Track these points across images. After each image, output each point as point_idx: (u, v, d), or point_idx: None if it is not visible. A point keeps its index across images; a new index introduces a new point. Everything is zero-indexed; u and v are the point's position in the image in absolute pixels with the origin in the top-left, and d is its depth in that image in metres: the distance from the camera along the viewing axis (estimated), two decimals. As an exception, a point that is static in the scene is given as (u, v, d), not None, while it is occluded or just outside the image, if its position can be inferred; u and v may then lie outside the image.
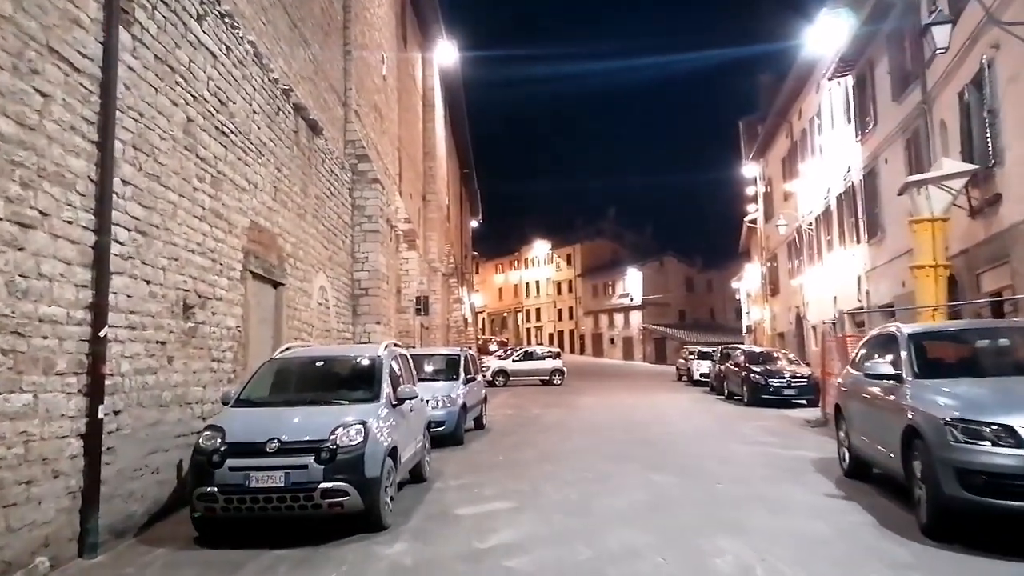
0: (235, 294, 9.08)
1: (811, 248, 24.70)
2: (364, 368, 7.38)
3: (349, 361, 7.73)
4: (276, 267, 10.60)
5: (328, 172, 13.93)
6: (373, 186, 16.24)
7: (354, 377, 7.43)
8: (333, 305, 14.20)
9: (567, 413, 17.45)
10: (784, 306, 29.86)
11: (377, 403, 6.74)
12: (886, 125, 16.79)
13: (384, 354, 7.45)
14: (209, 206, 8.38)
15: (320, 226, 13.31)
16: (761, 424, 14.44)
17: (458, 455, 10.80)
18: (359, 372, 7.43)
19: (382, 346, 7.66)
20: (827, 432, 12.82)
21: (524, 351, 32.02)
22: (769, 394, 18.75)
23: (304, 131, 12.32)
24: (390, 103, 22.03)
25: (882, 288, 17.64)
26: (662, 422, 15.01)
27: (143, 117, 6.94)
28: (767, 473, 8.72)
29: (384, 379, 7.05)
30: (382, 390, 6.90)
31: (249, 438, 6.00)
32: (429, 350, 16.14)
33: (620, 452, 10.66)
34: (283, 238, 11.03)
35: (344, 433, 6.04)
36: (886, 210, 17.25)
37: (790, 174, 27.04)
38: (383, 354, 7.43)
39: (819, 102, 22.88)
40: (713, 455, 10.24)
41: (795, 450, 10.69)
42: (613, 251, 72.49)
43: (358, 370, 7.48)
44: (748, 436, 12.56)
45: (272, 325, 10.59)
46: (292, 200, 11.51)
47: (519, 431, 13.76)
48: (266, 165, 10.36)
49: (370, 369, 7.25)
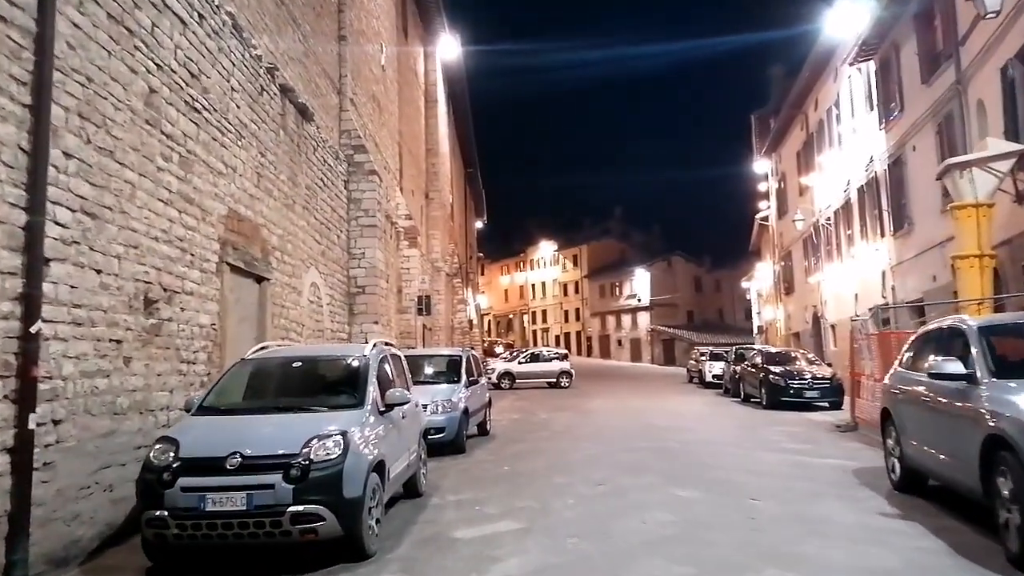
0: (209, 288, 8.17)
1: (829, 244, 23.69)
2: (348, 370, 6.46)
3: (331, 362, 6.81)
4: (259, 260, 9.70)
5: (320, 161, 13.03)
6: (370, 178, 15.33)
7: (336, 380, 6.52)
8: (327, 303, 13.29)
9: (576, 418, 16.50)
10: (800, 305, 28.83)
11: (361, 410, 5.81)
12: (914, 110, 15.80)
13: (371, 354, 6.53)
14: (177, 189, 7.48)
15: (312, 219, 12.41)
16: (785, 429, 13.46)
17: (459, 465, 9.86)
18: (342, 375, 6.51)
19: (369, 345, 6.73)
20: (859, 438, 11.86)
21: (530, 353, 31.05)
22: (789, 396, 17.76)
23: (292, 115, 11.42)
24: (389, 95, 21.14)
25: (910, 284, 16.63)
26: (678, 427, 14.04)
27: (92, 83, 6.04)
28: (805, 487, 7.75)
29: (370, 382, 6.12)
30: (368, 395, 5.98)
31: (206, 452, 5.08)
32: (428, 351, 15.22)
33: (636, 462, 9.70)
34: (268, 229, 10.12)
35: (320, 446, 5.12)
36: (914, 200, 16.25)
37: (806, 168, 26.04)
38: (370, 354, 6.51)
39: (837, 90, 21.88)
40: (740, 465, 9.27)
41: (829, 458, 9.72)
42: (620, 251, 71.47)
43: (341, 372, 6.56)
44: (773, 442, 11.59)
45: (255, 324, 9.68)
46: (278, 189, 10.61)
47: (526, 437, 12.82)
48: (247, 148, 9.47)
49: (354, 371, 6.32)
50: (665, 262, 65.99)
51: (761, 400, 18.64)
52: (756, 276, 46.94)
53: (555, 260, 76.04)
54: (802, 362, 19.59)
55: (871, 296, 19.51)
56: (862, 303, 20.53)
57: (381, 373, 6.60)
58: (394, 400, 6.22)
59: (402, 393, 6.32)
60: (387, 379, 6.85)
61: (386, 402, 6.16)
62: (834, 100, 22.33)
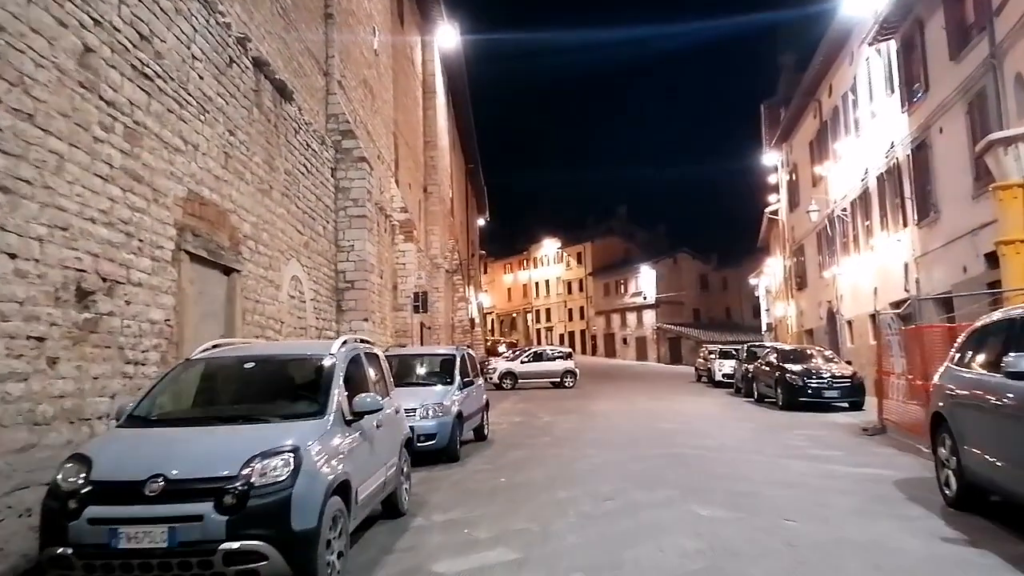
0: (163, 279, 7.20)
1: (845, 236, 22.63)
2: (309, 372, 5.47)
3: (290, 363, 5.77)
4: (227, 249, 8.73)
5: (303, 145, 12.05)
6: (359, 165, 14.36)
7: (294, 384, 5.52)
8: (311, 299, 12.31)
9: (581, 421, 15.50)
10: (813, 301, 27.76)
11: (321, 419, 4.83)
12: (941, 89, 14.76)
13: (340, 353, 5.53)
14: (121, 164, 6.51)
15: (293, 207, 11.44)
16: (807, 433, 12.44)
17: (451, 476, 8.88)
18: (302, 378, 5.53)
19: (337, 343, 5.71)
20: (890, 442, 10.85)
21: (533, 352, 29.99)
22: (807, 396, 16.73)
23: (269, 93, 10.45)
24: (383, 82, 20.16)
25: (936, 275, 15.58)
26: (692, 431, 13.03)
27: (3, 31, 5.07)
28: (845, 503, 6.74)
29: (335, 387, 5.12)
30: (331, 402, 4.99)
31: (122, 474, 4.11)
32: (419, 350, 14.23)
33: (649, 472, 8.69)
34: (238, 215, 9.15)
35: (263, 466, 4.14)
36: (941, 186, 15.21)
37: (820, 157, 24.99)
38: (338, 353, 5.51)
39: (854, 74, 20.83)
40: (765, 475, 8.27)
41: (864, 467, 8.70)
42: (625, 249, 70.34)
43: (301, 375, 5.57)
44: (798, 448, 10.57)
45: (223, 320, 8.71)
46: (252, 172, 9.64)
47: (526, 443, 11.83)
48: (212, 125, 8.50)
49: (317, 374, 5.33)
50: (671, 259, 64.86)
51: (777, 400, 17.62)
52: (765, 272, 45.87)
53: (559, 258, 74.95)
54: (819, 360, 18.53)
55: (892, 290, 18.45)
56: (882, 297, 19.44)
57: (352, 375, 5.61)
58: (364, 407, 5.22)
59: (374, 399, 5.30)
60: (361, 382, 5.86)
61: (354, 410, 5.17)
62: (850, 85, 21.28)
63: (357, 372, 5.82)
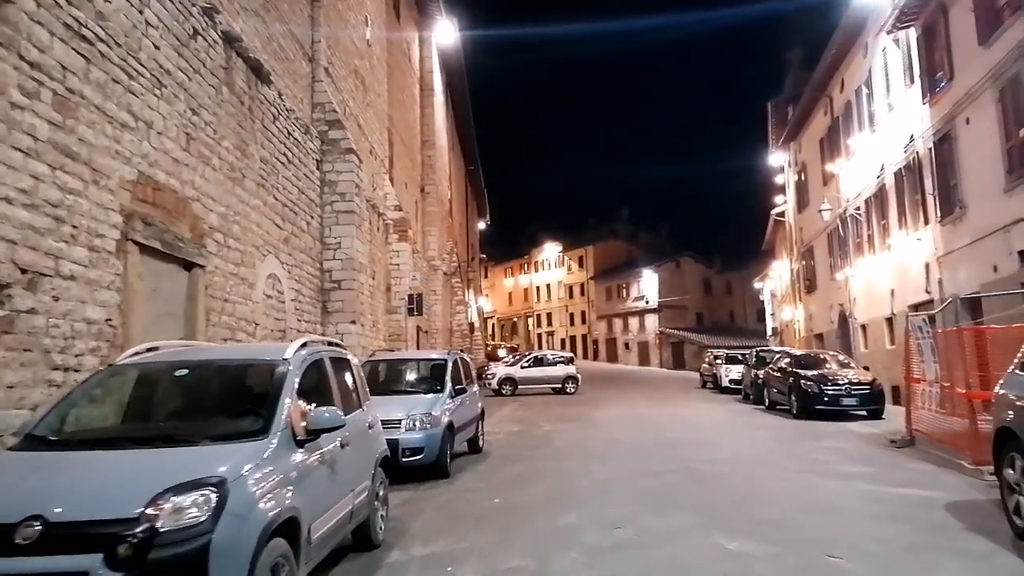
0: (104, 272, 6.27)
1: (859, 236, 21.66)
2: (254, 382, 4.51)
3: (230, 370, 4.76)
4: (188, 241, 7.78)
5: (283, 133, 11.13)
6: (347, 157, 13.43)
7: (235, 396, 4.56)
8: (292, 299, 11.37)
9: (584, 430, 14.52)
10: (823, 304, 26.77)
11: (263, 440, 3.87)
12: (968, 77, 13.82)
13: (294, 358, 4.56)
14: (49, 137, 5.58)
15: (270, 198, 10.50)
16: (829, 444, 11.47)
17: (438, 495, 7.91)
18: (245, 388, 4.56)
19: (294, 345, 4.74)
20: (924, 456, 9.88)
21: (534, 357, 28.99)
22: (823, 404, 15.76)
23: (242, 72, 9.53)
24: (377, 75, 19.25)
25: (962, 275, 14.61)
26: (703, 442, 12.06)
27: None
28: (896, 533, 5.77)
29: (284, 400, 4.16)
30: (277, 418, 4.02)
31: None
32: (407, 354, 13.26)
33: (660, 491, 7.73)
34: (203, 204, 8.21)
35: (174, 504, 3.18)
36: (968, 180, 14.25)
37: (831, 155, 24.03)
38: (292, 358, 4.54)
39: (869, 66, 19.88)
40: (794, 497, 7.30)
41: (905, 487, 7.73)
42: (627, 252, 69.30)
43: (243, 385, 4.60)
44: (823, 462, 9.60)
45: (183, 321, 7.76)
46: (220, 157, 8.71)
47: (524, 456, 10.86)
48: (171, 101, 7.57)
49: (263, 383, 4.36)
50: (674, 263, 63.87)
51: (790, 408, 16.66)
52: (770, 276, 44.90)
53: (560, 262, 73.95)
54: (833, 365, 17.56)
55: (911, 291, 17.52)
56: (899, 299, 18.55)
57: (310, 385, 4.65)
58: (321, 424, 4.25)
59: (333, 415, 4.33)
60: (324, 392, 4.90)
61: (310, 427, 4.20)
62: (864, 78, 20.33)
63: (318, 381, 4.85)
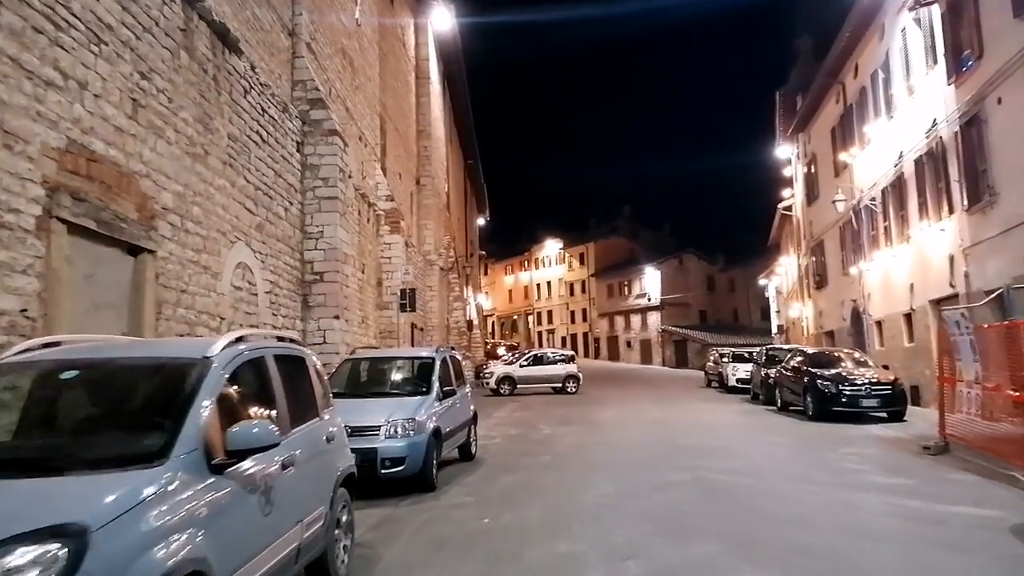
0: (19, 254, 5.30)
1: (874, 228, 20.64)
2: (159, 389, 3.50)
3: (130, 373, 3.67)
4: (134, 222, 6.80)
5: (256, 109, 10.14)
6: (330, 139, 12.45)
7: (132, 407, 3.54)
8: (266, 291, 10.39)
9: (586, 433, 13.54)
10: (835, 300, 25.76)
11: (160, 467, 2.88)
12: (1000, 53, 12.81)
13: (219, 357, 3.56)
14: (-61, 88, 4.60)
15: (240, 179, 9.52)
16: (855, 451, 10.48)
17: (420, 514, 6.93)
18: (146, 396, 3.56)
19: (220, 342, 3.69)
20: (963, 465, 8.90)
21: (533, 355, 27.99)
22: (841, 405, 14.79)
23: (205, 38, 8.54)
24: (367, 57, 18.26)
25: (991, 268, 13.60)
26: (716, 448, 11.08)
27: None
28: (964, 568, 4.78)
29: (196, 412, 3.17)
30: (181, 437, 3.02)
31: None
32: (390, 352, 12.25)
33: (675, 510, 6.75)
34: (154, 181, 7.23)
35: (6, 566, 2.20)
36: (999, 165, 13.25)
37: (843, 144, 23.01)
38: (216, 356, 3.53)
39: (886, 49, 18.86)
40: (831, 518, 6.31)
41: (954, 503, 6.75)
42: (629, 249, 68.27)
43: (145, 392, 3.58)
44: (854, 473, 8.62)
45: (126, 313, 6.77)
46: (176, 130, 7.72)
47: (521, 464, 9.87)
48: (113, 61, 6.58)
49: (172, 391, 3.35)
50: (676, 260, 62.86)
51: (805, 410, 15.67)
52: (776, 272, 43.90)
53: (561, 259, 72.91)
54: (849, 364, 16.54)
55: (933, 285, 16.52)
56: (919, 294, 17.55)
57: (239, 392, 3.65)
58: (244, 443, 3.23)
59: (264, 430, 3.32)
60: (265, 400, 3.91)
61: (230, 447, 3.21)
62: (880, 62, 19.30)
63: (256, 385, 3.87)
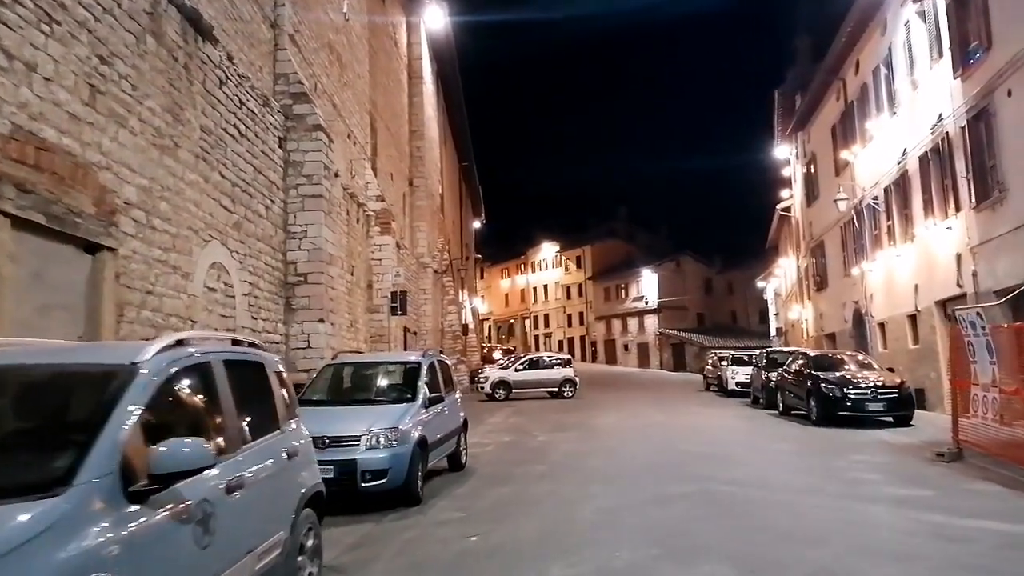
0: (-51, 250, 4.77)
1: (877, 228, 20.17)
2: (72, 401, 2.97)
3: (38, 382, 3.09)
4: (91, 217, 6.27)
5: (233, 102, 9.63)
6: (315, 135, 11.94)
7: (34, 425, 2.97)
8: (245, 293, 9.87)
9: (583, 440, 13.02)
10: (836, 302, 25.28)
11: (59, 497, 2.36)
12: (1011, 43, 12.35)
13: (153, 362, 3.03)
14: None
15: (215, 175, 9.00)
16: (865, 459, 9.98)
17: (404, 531, 6.40)
18: (56, 412, 3.00)
19: (154, 345, 3.12)
20: (982, 473, 8.40)
21: (529, 359, 27.42)
22: (846, 410, 14.28)
23: (176, 23, 8.02)
24: (356, 53, 17.77)
25: (1001, 267, 13.13)
26: (719, 456, 10.56)
27: None
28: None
29: (110, 432, 2.62)
30: (90, 460, 2.48)
31: None
32: (373, 357, 11.70)
33: (681, 527, 6.23)
34: (115, 173, 6.71)
35: None
36: (1009, 160, 12.79)
37: (844, 142, 22.55)
38: (147, 361, 3.00)
39: (888, 44, 18.42)
40: (850, 534, 5.80)
41: (980, 517, 6.24)
42: (626, 252, 67.79)
43: (55, 406, 3.02)
44: (867, 483, 8.11)
45: (83, 315, 6.24)
46: (141, 120, 7.21)
47: (514, 475, 9.35)
48: (67, 43, 6.07)
49: (86, 403, 2.82)
50: (673, 263, 62.42)
51: (808, 414, 15.16)
52: (775, 274, 43.46)
53: (557, 262, 72.40)
54: (853, 366, 16.05)
55: (939, 285, 16.04)
56: (924, 295, 17.08)
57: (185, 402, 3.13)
58: (169, 466, 2.65)
59: (196, 451, 2.75)
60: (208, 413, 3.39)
61: (154, 470, 2.67)
62: (883, 57, 18.86)
63: (192, 397, 3.34)
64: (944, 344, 15.39)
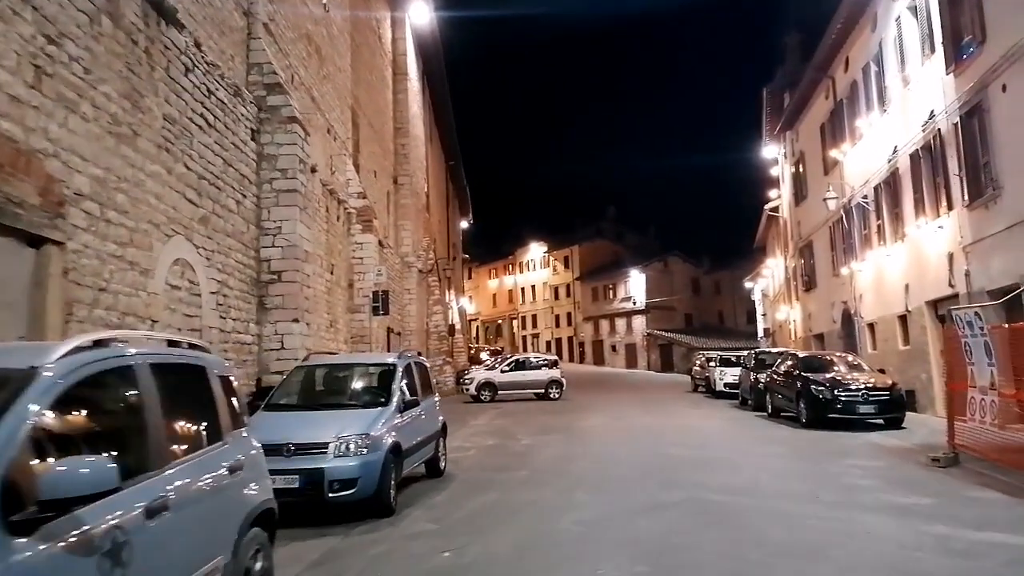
0: None
1: (867, 227, 19.92)
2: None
3: None
4: (35, 208, 5.81)
5: (200, 91, 9.17)
6: (289, 127, 11.49)
7: None
8: (212, 292, 9.40)
9: (569, 444, 12.63)
10: (824, 302, 25.04)
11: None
12: (1005, 37, 12.08)
13: (58, 366, 2.59)
14: None
15: (180, 167, 8.54)
16: (858, 463, 9.64)
17: (372, 546, 5.98)
18: None
19: (61, 347, 2.67)
20: (981, 479, 8.08)
21: (515, 360, 27.01)
22: (836, 412, 14.00)
23: (135, 5, 7.57)
24: (337, 46, 17.31)
25: (996, 266, 12.86)
26: (709, 460, 10.21)
27: None
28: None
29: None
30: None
31: None
32: (347, 358, 11.23)
33: (670, 540, 5.84)
34: (63, 162, 6.25)
35: None
36: (1004, 156, 12.52)
37: (833, 141, 22.31)
38: (50, 367, 2.56)
39: (879, 40, 18.17)
40: (850, 548, 5.43)
41: (984, 528, 5.90)
42: (614, 252, 67.56)
43: None
44: (863, 490, 7.76)
45: (26, 313, 5.78)
46: (95, 105, 6.74)
47: (496, 481, 8.94)
48: (10, 20, 5.61)
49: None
50: (661, 263, 62.23)
51: (798, 416, 14.87)
52: (763, 274, 43.26)
53: (545, 262, 72.05)
54: (842, 367, 15.78)
55: (930, 285, 15.79)
56: (915, 295, 16.83)
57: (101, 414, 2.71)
58: (62, 489, 2.12)
59: (99, 471, 2.24)
60: (131, 427, 2.96)
61: (44, 496, 2.20)
62: (873, 54, 18.60)
63: (108, 407, 2.92)
64: (935, 345, 15.13)
